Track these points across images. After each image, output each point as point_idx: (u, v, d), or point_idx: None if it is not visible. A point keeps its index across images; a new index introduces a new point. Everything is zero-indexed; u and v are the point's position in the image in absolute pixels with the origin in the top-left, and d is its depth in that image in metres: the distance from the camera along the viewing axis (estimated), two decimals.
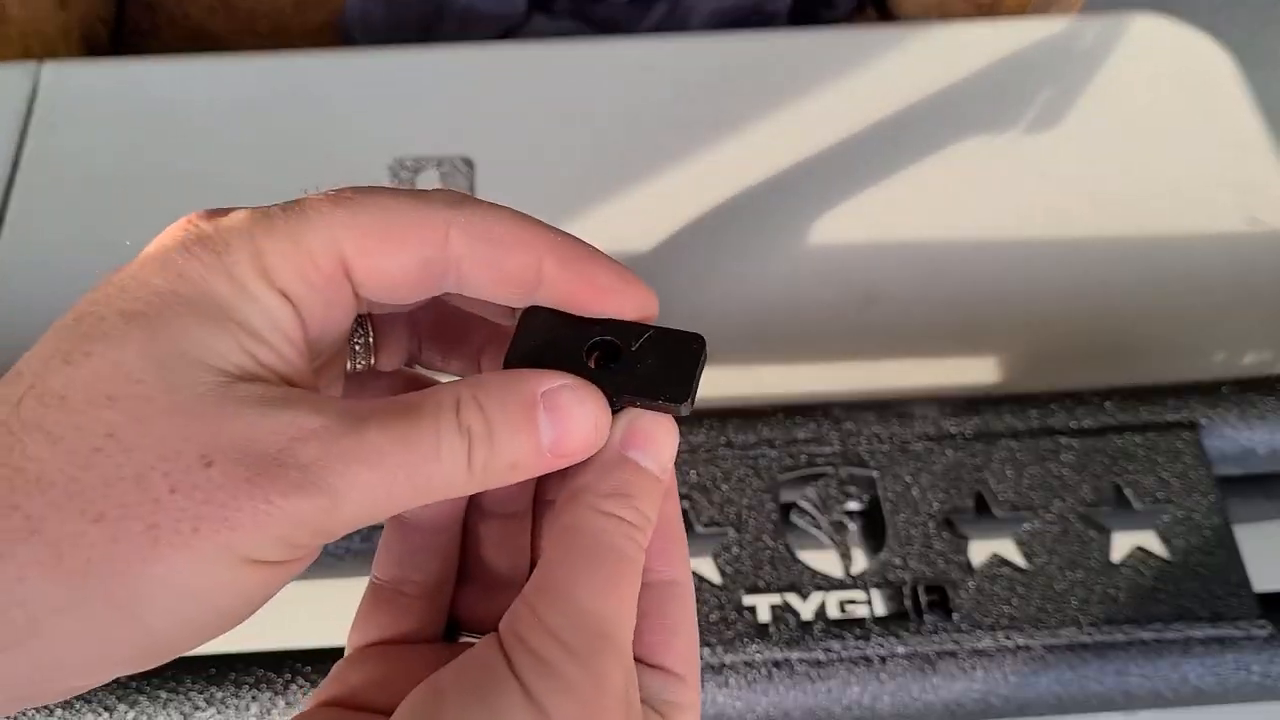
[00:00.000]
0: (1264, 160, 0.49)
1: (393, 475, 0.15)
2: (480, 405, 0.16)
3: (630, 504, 0.17)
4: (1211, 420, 0.35)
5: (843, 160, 0.49)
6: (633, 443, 0.18)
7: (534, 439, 0.17)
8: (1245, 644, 0.31)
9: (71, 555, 0.14)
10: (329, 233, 0.17)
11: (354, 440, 0.15)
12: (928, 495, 0.33)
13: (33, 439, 0.15)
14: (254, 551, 0.15)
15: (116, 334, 0.15)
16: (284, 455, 0.15)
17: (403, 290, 0.18)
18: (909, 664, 0.31)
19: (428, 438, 0.16)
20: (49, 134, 0.49)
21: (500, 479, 0.17)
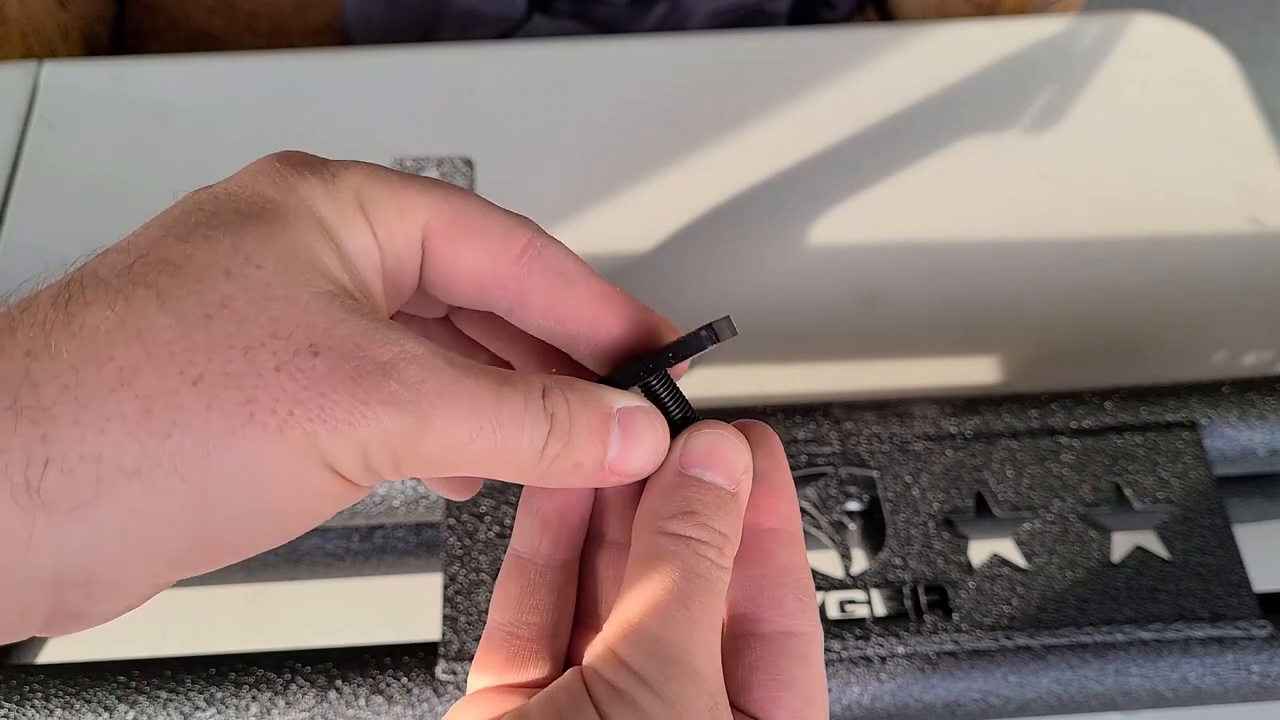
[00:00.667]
0: (1264, 160, 0.49)
1: (479, 424, 0.16)
2: (566, 399, 0.17)
3: (696, 521, 0.17)
4: (1212, 420, 0.35)
5: (843, 160, 0.49)
6: (692, 460, 0.18)
7: (603, 448, 0.17)
8: (1245, 644, 0.31)
9: (161, 414, 0.14)
10: (426, 200, 0.17)
11: (453, 379, 0.15)
12: (928, 495, 0.33)
13: (140, 297, 0.14)
14: (335, 455, 0.15)
15: (234, 225, 0.15)
16: (389, 368, 0.15)
17: (464, 284, 0.18)
18: (909, 664, 0.31)
19: (517, 404, 0.16)
20: (49, 133, 0.49)
21: (561, 477, 0.17)
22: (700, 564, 0.17)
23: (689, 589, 0.16)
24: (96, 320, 0.14)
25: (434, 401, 0.15)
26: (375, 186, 0.17)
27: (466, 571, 0.32)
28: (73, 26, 0.63)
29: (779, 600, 0.18)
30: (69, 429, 0.14)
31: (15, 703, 0.29)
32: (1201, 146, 0.49)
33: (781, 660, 0.18)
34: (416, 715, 0.30)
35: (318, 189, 0.17)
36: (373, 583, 0.38)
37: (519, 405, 0.16)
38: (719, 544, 0.17)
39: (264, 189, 0.16)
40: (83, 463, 0.14)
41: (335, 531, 0.37)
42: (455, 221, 0.18)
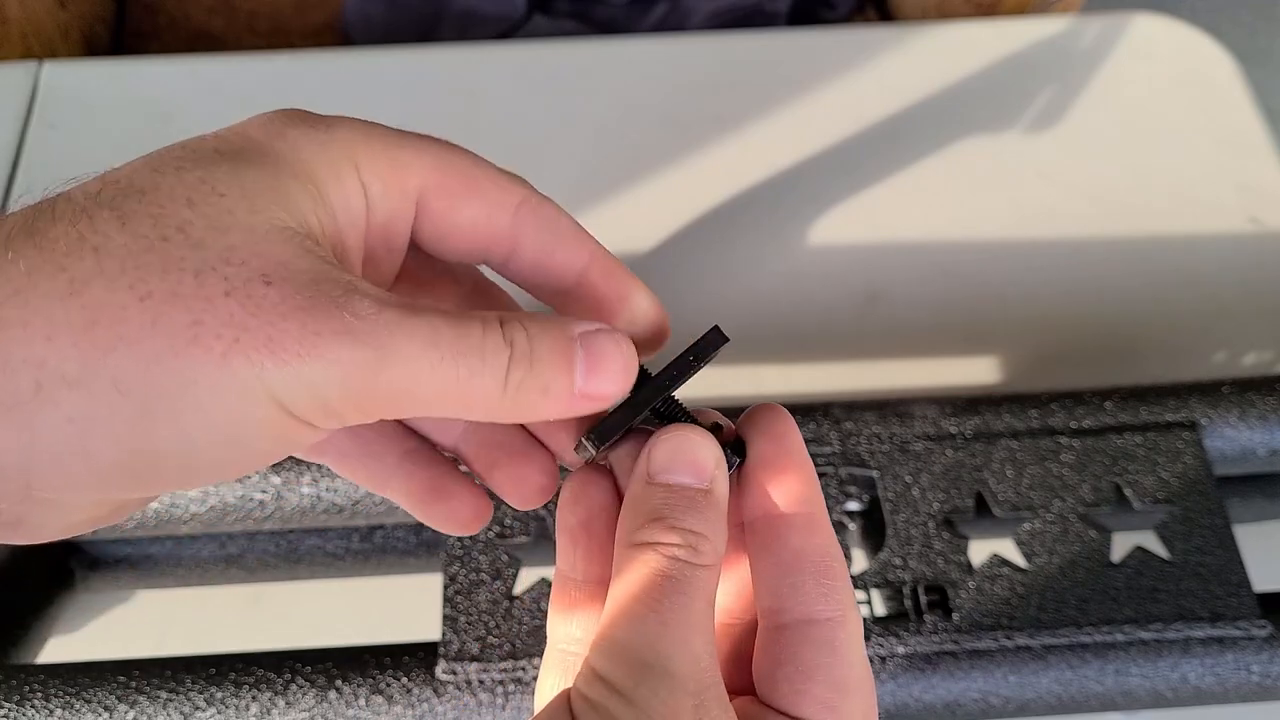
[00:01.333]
0: (1264, 160, 0.49)
1: (439, 355, 0.15)
2: (524, 325, 0.17)
3: (663, 525, 0.17)
4: (1212, 420, 0.35)
5: (843, 160, 0.49)
6: (658, 466, 0.18)
7: (568, 374, 0.17)
8: (1245, 644, 0.31)
9: (106, 326, 0.14)
10: (422, 158, 0.17)
11: (409, 313, 0.15)
12: (928, 495, 0.33)
13: (103, 216, 0.15)
14: (283, 390, 0.14)
15: (208, 160, 0.16)
16: (343, 302, 0.15)
17: (459, 240, 0.18)
18: (909, 664, 0.31)
19: (476, 333, 0.16)
20: (49, 133, 0.49)
21: (531, 407, 0.17)
22: (671, 565, 0.16)
23: (658, 592, 0.16)
24: (58, 234, 0.14)
25: (391, 332, 0.15)
26: (370, 143, 0.17)
27: (466, 571, 0.32)
28: (73, 26, 0.63)
29: (799, 587, 0.18)
30: (16, 330, 0.14)
31: (15, 703, 0.29)
32: (1201, 146, 0.49)
33: (805, 650, 0.17)
34: (416, 715, 0.30)
35: (308, 137, 0.17)
36: (373, 583, 0.38)
37: (477, 334, 0.16)
38: (691, 542, 0.17)
39: (252, 133, 0.17)
40: (25, 366, 0.14)
41: (335, 531, 0.37)
42: (451, 180, 0.18)
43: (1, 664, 0.33)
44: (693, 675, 0.16)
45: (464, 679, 0.30)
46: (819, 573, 0.18)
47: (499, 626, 0.31)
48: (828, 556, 0.18)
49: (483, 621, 0.31)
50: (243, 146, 0.16)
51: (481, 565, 0.32)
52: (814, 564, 0.18)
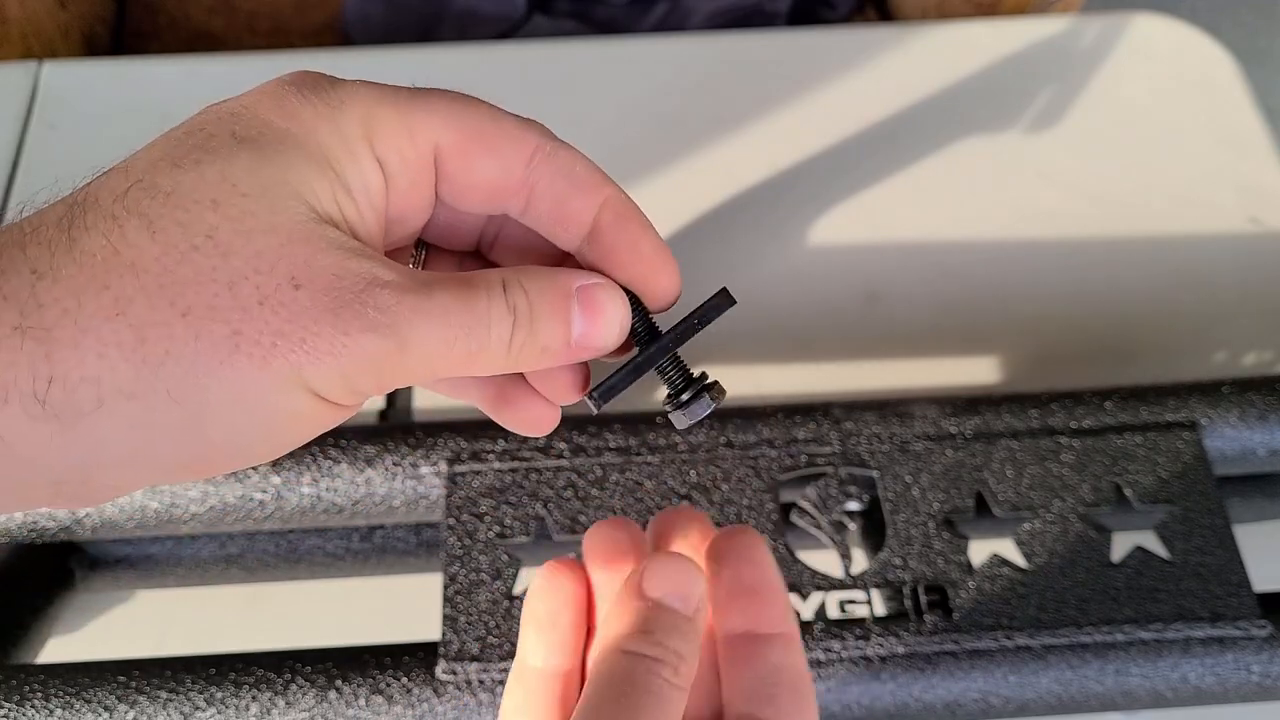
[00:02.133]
0: (1264, 160, 0.49)
1: (453, 333, 0.16)
2: (524, 289, 0.17)
3: (652, 640, 0.18)
4: (1212, 420, 0.35)
5: (843, 160, 0.49)
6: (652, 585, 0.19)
7: (565, 328, 0.18)
8: (1245, 644, 0.31)
9: (153, 342, 0.15)
10: (435, 120, 0.18)
11: (423, 297, 0.16)
12: (928, 495, 0.33)
13: (133, 226, 0.15)
14: (319, 383, 0.16)
15: (226, 150, 0.16)
16: (365, 296, 0.16)
17: (477, 195, 0.19)
18: (909, 664, 0.31)
19: (481, 304, 0.17)
20: (49, 133, 0.49)
21: (531, 362, 0.18)
22: (652, 681, 0.17)
23: (639, 704, 0.17)
24: (94, 247, 0.15)
25: (410, 320, 0.16)
26: (383, 110, 0.18)
27: (466, 571, 0.32)
28: (73, 26, 0.63)
29: (774, 699, 0.19)
30: (69, 352, 0.15)
31: (15, 703, 0.29)
32: (1202, 146, 0.49)
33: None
34: (416, 715, 0.30)
35: (321, 116, 0.17)
36: (373, 583, 0.38)
37: (483, 305, 0.17)
38: (674, 663, 0.18)
39: (268, 113, 0.17)
40: (84, 384, 0.15)
41: (335, 531, 0.37)
42: (466, 137, 0.18)
43: (1, 664, 0.33)
44: None
45: (464, 679, 0.30)
46: (794, 687, 0.19)
47: (499, 626, 0.31)
48: (803, 676, 0.19)
49: (483, 621, 0.31)
50: (260, 132, 0.16)
51: (481, 565, 0.32)
52: (790, 680, 0.19)
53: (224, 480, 0.33)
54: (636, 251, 0.19)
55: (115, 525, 0.33)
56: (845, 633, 0.31)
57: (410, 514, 0.34)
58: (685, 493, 0.33)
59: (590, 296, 0.18)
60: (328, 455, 0.33)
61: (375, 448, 0.33)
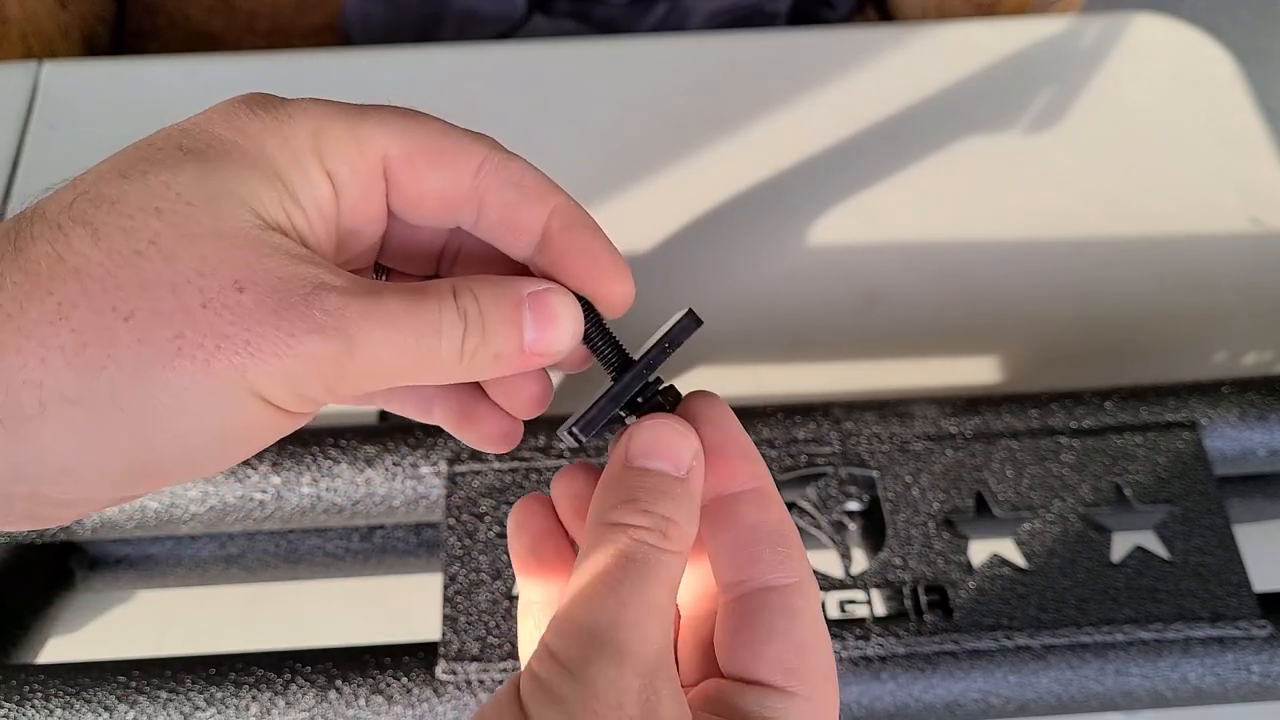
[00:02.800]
0: (1264, 160, 0.49)
1: (402, 338, 0.16)
2: (475, 296, 0.17)
3: (636, 507, 0.17)
4: (1212, 420, 0.35)
5: (843, 160, 0.49)
6: (637, 450, 0.18)
7: (518, 333, 0.18)
8: (1245, 644, 0.31)
9: (96, 347, 0.15)
10: (383, 132, 0.18)
11: (372, 301, 0.16)
12: (928, 495, 0.33)
13: (78, 234, 0.15)
14: (264, 387, 0.16)
15: (172, 162, 0.16)
16: (311, 299, 0.16)
17: (428, 206, 0.19)
18: (909, 664, 0.31)
19: (432, 311, 0.17)
20: (49, 133, 0.49)
21: (484, 370, 0.18)
22: (636, 549, 0.17)
23: (621, 573, 0.17)
24: (39, 255, 0.15)
25: (358, 324, 0.16)
26: (331, 124, 0.18)
27: (466, 571, 0.32)
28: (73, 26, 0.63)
29: (756, 557, 0.18)
30: (11, 357, 0.15)
31: (15, 703, 0.29)
32: (1202, 146, 0.49)
33: (762, 615, 0.18)
34: (416, 715, 0.30)
35: (270, 130, 0.17)
36: (373, 583, 0.38)
37: (434, 312, 0.17)
38: (661, 527, 0.17)
39: (216, 128, 0.17)
40: (26, 387, 0.15)
41: (335, 531, 0.37)
42: (414, 147, 0.18)
43: (1, 664, 0.33)
44: (644, 655, 0.16)
45: (464, 679, 0.30)
46: (774, 541, 0.18)
47: (499, 626, 0.31)
48: (782, 526, 0.19)
49: (483, 621, 0.31)
50: (208, 144, 0.17)
51: (481, 565, 0.32)
52: (769, 534, 0.18)
53: (224, 480, 0.33)
54: (587, 257, 0.19)
55: (115, 525, 0.33)
56: (845, 633, 0.31)
57: (410, 514, 0.34)
58: None
59: (542, 302, 0.18)
60: (328, 455, 0.33)
61: (375, 448, 0.33)
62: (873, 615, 0.31)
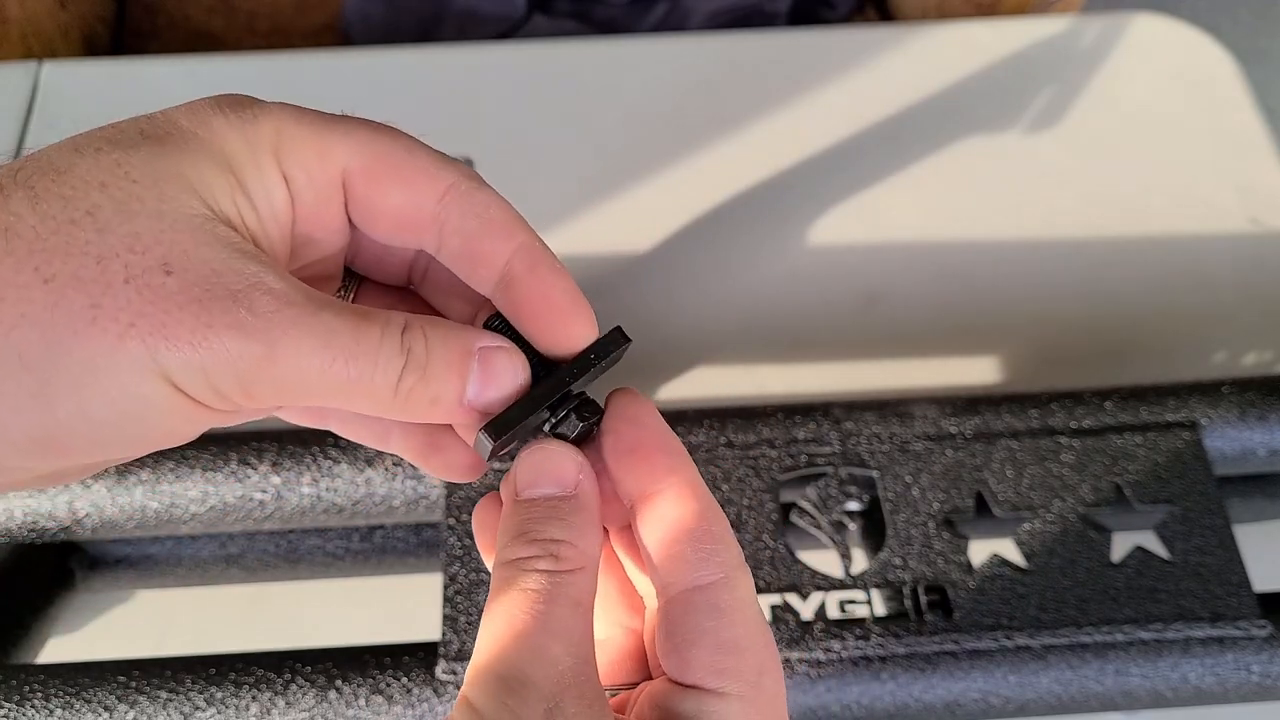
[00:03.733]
0: (1264, 160, 0.49)
1: (332, 356, 0.16)
2: (425, 336, 0.17)
3: (526, 540, 0.17)
4: (1212, 420, 0.35)
5: (843, 160, 0.49)
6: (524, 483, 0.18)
7: (460, 385, 0.17)
8: (1245, 644, 0.31)
9: (10, 304, 0.15)
10: (347, 143, 0.18)
11: (308, 312, 0.16)
12: (928, 495, 0.33)
13: (18, 196, 0.15)
14: (176, 373, 0.15)
15: (129, 142, 0.16)
16: (241, 295, 0.15)
17: (386, 224, 0.19)
18: (909, 664, 0.31)
19: (373, 338, 0.16)
20: (49, 133, 0.49)
21: (418, 411, 0.17)
22: (529, 578, 0.17)
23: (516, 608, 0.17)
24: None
25: (285, 331, 0.16)
26: (296, 129, 0.17)
27: (466, 571, 0.32)
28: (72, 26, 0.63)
29: (678, 556, 0.18)
30: None
31: (15, 703, 0.29)
32: (1202, 146, 0.49)
33: (689, 618, 0.17)
34: (416, 715, 0.30)
35: (232, 126, 0.17)
36: (373, 583, 0.38)
37: (375, 340, 0.16)
38: (553, 551, 0.17)
39: (179, 119, 0.17)
40: None
41: (335, 531, 0.37)
42: (376, 163, 0.18)
43: (1, 664, 0.33)
44: (547, 680, 0.16)
45: (464, 679, 0.30)
46: (697, 537, 0.18)
47: None
48: (704, 520, 0.18)
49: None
50: (168, 132, 0.17)
51: (481, 565, 0.32)
52: (689, 530, 0.18)
53: (224, 480, 0.33)
54: (547, 299, 0.18)
55: (115, 525, 0.33)
56: (845, 633, 0.31)
57: (410, 514, 0.34)
58: None
59: (491, 359, 0.18)
60: (328, 455, 0.33)
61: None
62: (873, 615, 0.31)
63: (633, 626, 0.20)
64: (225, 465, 0.33)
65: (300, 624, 0.38)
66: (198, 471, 0.33)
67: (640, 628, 0.20)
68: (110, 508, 0.33)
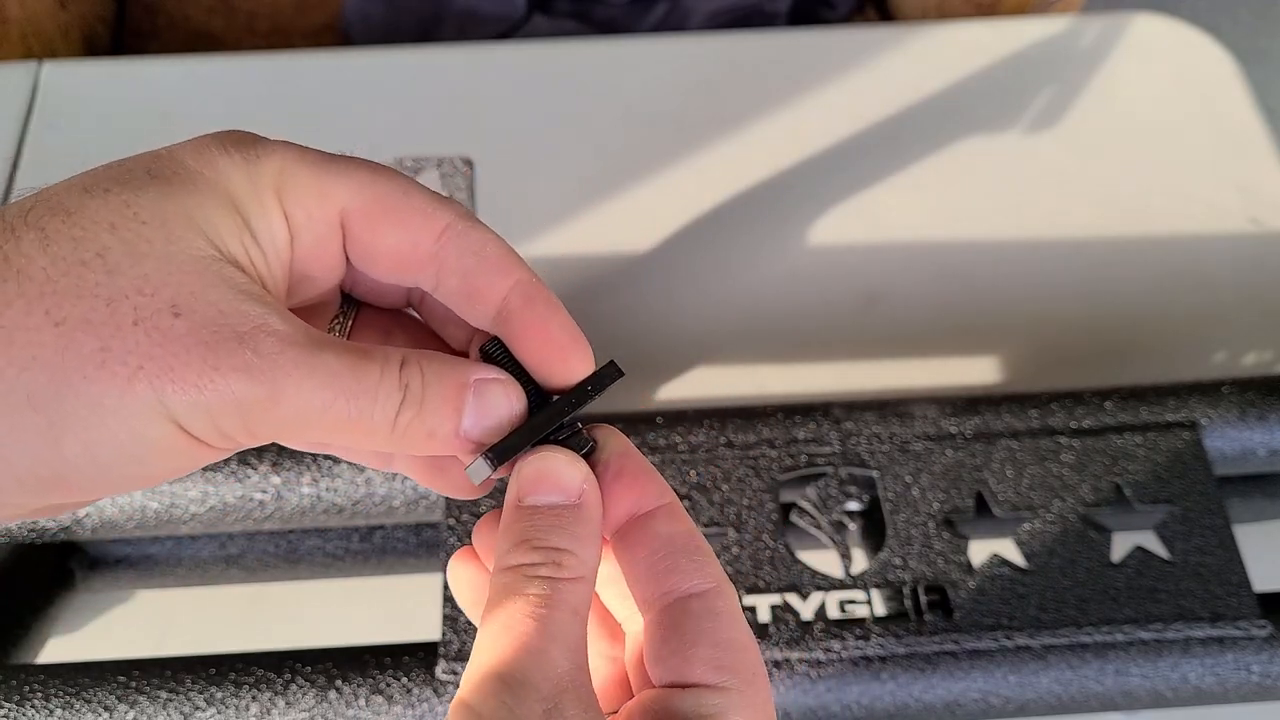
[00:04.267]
0: (1264, 160, 0.49)
1: (333, 395, 0.16)
2: (422, 370, 0.18)
3: (530, 547, 0.18)
4: (1212, 420, 0.35)
5: (843, 160, 0.49)
6: (525, 489, 0.18)
7: (456, 417, 0.18)
8: (1245, 644, 0.31)
9: (21, 347, 0.15)
10: (346, 185, 0.18)
11: (310, 353, 0.16)
12: (928, 495, 0.33)
13: (29, 238, 0.16)
14: (183, 415, 0.16)
15: (137, 183, 0.17)
16: (247, 337, 0.16)
17: (385, 263, 0.19)
18: (909, 664, 0.31)
19: (373, 376, 0.17)
20: (49, 132, 0.49)
21: (415, 444, 0.18)
22: (530, 584, 0.17)
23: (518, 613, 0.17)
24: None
25: (289, 373, 0.16)
26: (298, 169, 0.18)
27: None
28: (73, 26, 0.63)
29: (674, 567, 0.19)
30: None
31: (15, 703, 0.29)
32: (1201, 146, 0.49)
33: (687, 621, 0.18)
34: (416, 715, 0.30)
35: (237, 166, 0.17)
36: (373, 583, 0.38)
37: (374, 378, 0.17)
38: (555, 559, 0.17)
39: (185, 158, 0.17)
40: None
41: (335, 531, 0.37)
42: (374, 205, 0.18)
43: (1, 664, 0.33)
44: (546, 682, 0.16)
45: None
46: (689, 551, 0.19)
47: None
48: (695, 536, 0.19)
49: None
50: (174, 172, 0.17)
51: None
52: (683, 545, 0.19)
53: (224, 480, 0.33)
54: (545, 334, 0.19)
55: (115, 525, 0.33)
56: (845, 633, 0.31)
57: (410, 514, 0.34)
58: (685, 492, 0.33)
59: (486, 391, 0.18)
60: (328, 455, 0.33)
61: None
62: (873, 615, 0.31)
63: (613, 655, 0.21)
64: (225, 465, 0.33)
65: (300, 624, 0.38)
66: (198, 471, 0.33)
67: (620, 655, 0.21)
68: (110, 508, 0.33)
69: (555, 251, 0.46)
